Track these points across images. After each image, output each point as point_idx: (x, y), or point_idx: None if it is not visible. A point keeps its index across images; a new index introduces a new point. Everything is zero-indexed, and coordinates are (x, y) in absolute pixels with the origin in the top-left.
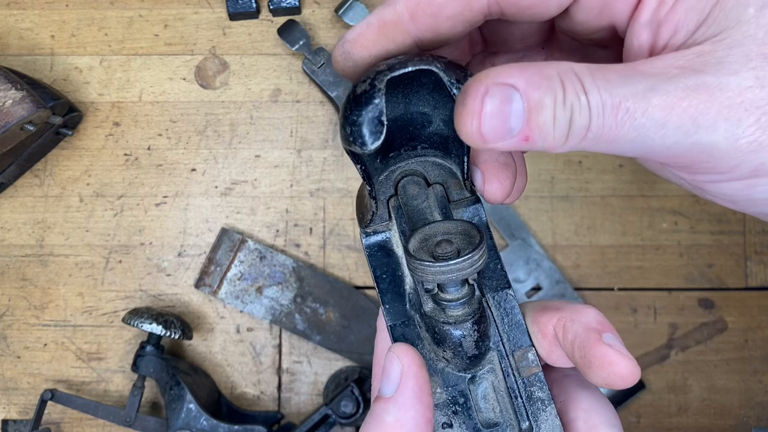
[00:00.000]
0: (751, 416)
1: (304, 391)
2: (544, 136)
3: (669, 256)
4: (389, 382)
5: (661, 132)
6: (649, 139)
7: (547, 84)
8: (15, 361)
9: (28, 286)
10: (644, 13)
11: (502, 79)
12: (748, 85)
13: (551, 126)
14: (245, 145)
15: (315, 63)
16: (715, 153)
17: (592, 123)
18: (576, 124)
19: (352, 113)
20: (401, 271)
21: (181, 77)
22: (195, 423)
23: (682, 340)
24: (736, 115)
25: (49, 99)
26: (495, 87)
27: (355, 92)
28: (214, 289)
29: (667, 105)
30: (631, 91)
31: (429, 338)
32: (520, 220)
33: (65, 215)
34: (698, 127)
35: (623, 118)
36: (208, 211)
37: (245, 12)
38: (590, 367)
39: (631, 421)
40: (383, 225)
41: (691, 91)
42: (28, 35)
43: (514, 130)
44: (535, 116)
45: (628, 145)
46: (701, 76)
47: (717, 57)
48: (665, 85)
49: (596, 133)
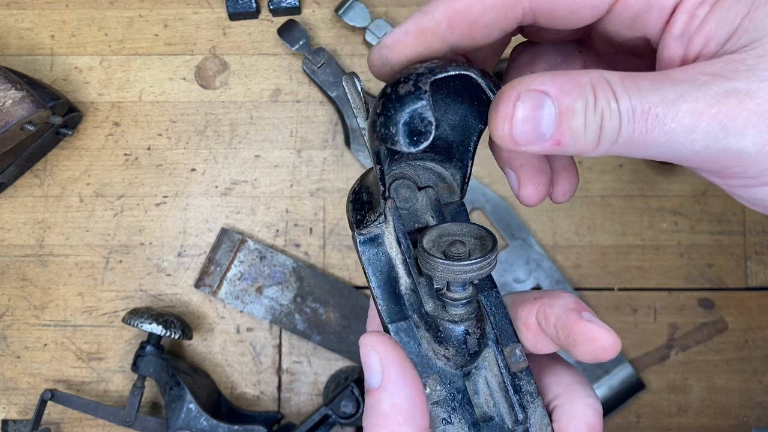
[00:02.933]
0: (751, 416)
1: (304, 391)
2: (575, 141)
3: (669, 256)
4: (372, 373)
5: (690, 137)
6: (678, 144)
7: (579, 90)
8: (15, 361)
9: (28, 286)
10: (676, 26)
11: (535, 86)
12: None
13: (582, 131)
14: (245, 145)
15: (315, 63)
16: (744, 158)
17: (622, 128)
18: (607, 129)
19: (397, 113)
20: (396, 272)
21: (181, 77)
22: (195, 423)
23: (682, 340)
24: (766, 122)
25: (49, 99)
26: (527, 93)
27: (397, 92)
28: (214, 289)
29: (696, 111)
30: (660, 98)
31: (429, 337)
32: (520, 220)
33: (65, 215)
34: (727, 132)
35: (653, 123)
36: (208, 211)
37: (245, 12)
38: (575, 344)
39: (631, 421)
40: (378, 227)
41: (720, 97)
42: (28, 35)
43: (546, 134)
44: (567, 121)
45: (659, 150)
46: (731, 83)
47: (747, 65)
48: (695, 91)
49: (627, 138)
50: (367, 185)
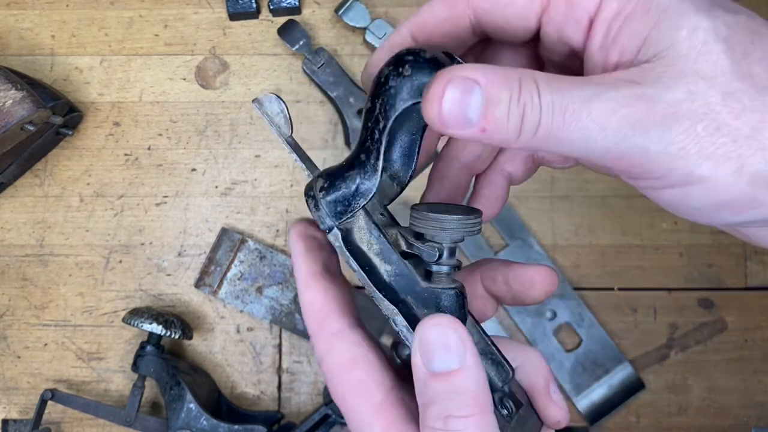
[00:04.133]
0: (751, 416)
1: (304, 391)
2: (499, 129)
3: (669, 256)
4: (451, 354)
5: (602, 134)
6: (591, 141)
7: (506, 83)
8: (15, 361)
9: (28, 286)
10: (596, 38)
11: (467, 74)
12: (681, 98)
13: (505, 120)
14: (245, 145)
15: (315, 63)
16: (649, 156)
17: (542, 121)
18: (527, 120)
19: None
20: (372, 263)
21: (182, 77)
22: (195, 423)
23: (682, 340)
24: (668, 124)
25: (50, 99)
26: (458, 79)
27: (426, 56)
28: (214, 289)
29: (608, 110)
30: (579, 96)
31: (427, 313)
32: (520, 220)
33: (65, 215)
34: (634, 131)
35: (570, 118)
36: (208, 211)
37: (245, 12)
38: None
39: (631, 420)
40: (347, 222)
41: (631, 100)
42: (29, 35)
43: (473, 120)
44: (492, 109)
45: (574, 145)
46: (641, 89)
47: (656, 73)
48: (609, 93)
49: (546, 131)
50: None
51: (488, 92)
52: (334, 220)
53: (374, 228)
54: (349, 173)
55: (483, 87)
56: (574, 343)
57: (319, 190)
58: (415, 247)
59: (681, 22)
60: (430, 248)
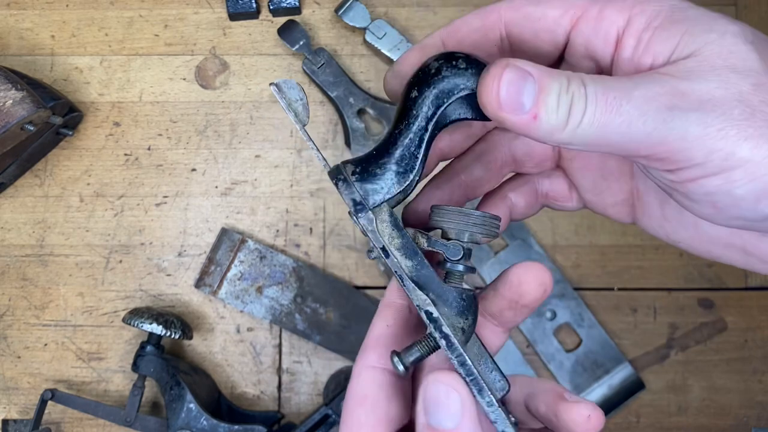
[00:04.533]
0: (751, 416)
1: (304, 391)
2: (549, 115)
3: (669, 256)
4: (449, 414)
5: (642, 119)
6: (633, 126)
7: (556, 76)
8: (15, 361)
9: (28, 286)
10: (626, 50)
11: (521, 65)
12: (715, 87)
13: (556, 107)
14: (245, 145)
15: (315, 63)
16: (689, 138)
17: (588, 108)
18: (575, 107)
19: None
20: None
21: (182, 77)
22: (195, 423)
23: (682, 340)
24: (706, 108)
25: (50, 99)
26: (514, 67)
27: (475, 57)
28: (214, 289)
29: (648, 97)
30: (619, 86)
31: (447, 312)
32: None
33: (65, 215)
34: (674, 115)
35: (612, 104)
36: (208, 211)
37: (245, 12)
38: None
39: (631, 420)
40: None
41: (668, 88)
42: (29, 35)
43: (526, 106)
44: (544, 96)
45: (617, 132)
46: (677, 81)
47: (689, 68)
48: (647, 83)
49: (591, 118)
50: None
51: (541, 81)
52: (367, 204)
53: (398, 222)
54: (384, 161)
55: (536, 77)
56: (574, 343)
57: (351, 173)
58: (438, 245)
59: (711, 26)
60: (454, 246)
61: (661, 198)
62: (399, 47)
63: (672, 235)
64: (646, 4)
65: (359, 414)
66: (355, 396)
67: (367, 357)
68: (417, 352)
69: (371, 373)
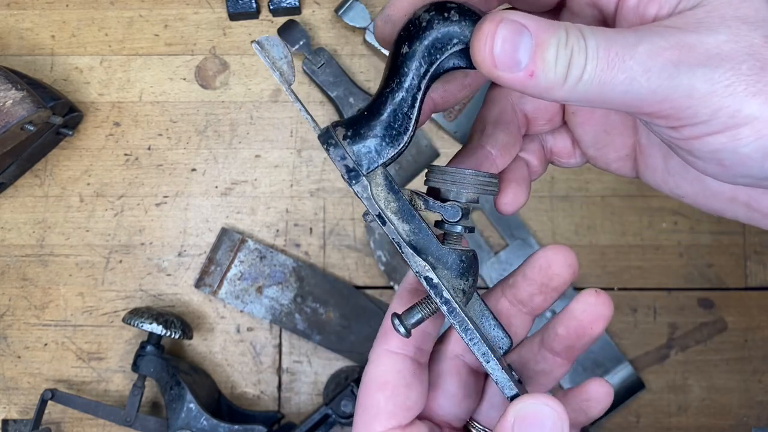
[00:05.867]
0: (751, 416)
1: (304, 391)
2: (546, 73)
3: (669, 256)
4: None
5: (646, 75)
6: (636, 83)
7: (554, 29)
8: (15, 361)
9: (28, 286)
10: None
11: (517, 18)
12: (724, 40)
13: (554, 62)
14: (245, 145)
15: (315, 63)
16: (695, 95)
17: (588, 64)
18: (574, 63)
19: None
20: (390, 222)
21: (181, 77)
22: (195, 423)
23: (682, 340)
24: (714, 63)
25: (50, 99)
26: (509, 21)
27: (467, 7)
28: (214, 289)
29: (652, 52)
30: (622, 41)
31: (448, 275)
32: (520, 220)
33: (65, 215)
34: (679, 71)
35: (614, 59)
36: (208, 211)
37: (245, 12)
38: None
39: (631, 420)
40: (369, 176)
41: (674, 42)
42: (29, 35)
43: (522, 62)
44: (541, 51)
45: (619, 89)
46: (684, 34)
47: (697, 19)
48: (652, 37)
49: (591, 75)
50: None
51: (538, 36)
52: (361, 170)
53: (394, 185)
54: (376, 122)
55: (532, 31)
56: None
57: (342, 138)
58: (436, 207)
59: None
60: (452, 207)
61: (665, 152)
62: None
63: (675, 189)
64: None
65: (378, 399)
66: (375, 380)
67: (387, 341)
68: (418, 313)
69: (392, 358)
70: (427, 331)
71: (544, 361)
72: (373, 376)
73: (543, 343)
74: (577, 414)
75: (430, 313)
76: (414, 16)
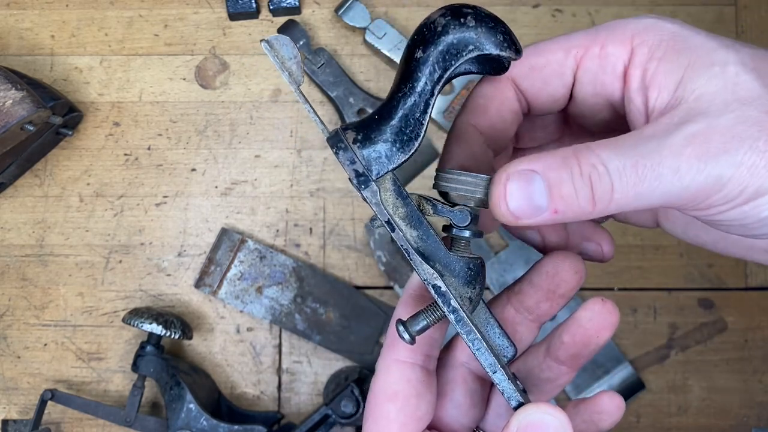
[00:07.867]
0: (751, 416)
1: (304, 391)
2: (570, 206)
3: (669, 256)
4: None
5: (677, 175)
6: (669, 184)
7: (562, 162)
8: (15, 361)
9: (28, 286)
10: (633, 81)
11: (522, 166)
12: (732, 124)
13: (574, 196)
14: (245, 145)
15: (315, 63)
16: (723, 181)
17: (615, 185)
18: (598, 189)
19: (500, 23)
20: (397, 227)
21: (181, 77)
22: (195, 423)
23: (682, 340)
24: (732, 147)
25: (49, 99)
26: (515, 173)
27: (484, 11)
28: (214, 289)
29: (675, 153)
30: (642, 151)
31: (455, 283)
32: None
33: (65, 215)
34: (706, 164)
35: (643, 172)
36: (208, 211)
37: (245, 12)
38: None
39: (631, 420)
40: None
41: (690, 138)
42: (28, 35)
43: (542, 206)
44: (557, 190)
45: (654, 194)
46: (694, 126)
47: (701, 109)
48: (668, 140)
49: (622, 192)
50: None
51: (547, 176)
52: (371, 175)
53: (402, 190)
54: (387, 126)
55: (541, 173)
56: None
57: (352, 141)
58: (445, 211)
59: (712, 58)
60: (461, 211)
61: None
62: (399, 47)
63: (695, 239)
64: (645, 35)
65: (389, 410)
66: (385, 391)
67: (395, 350)
68: (423, 320)
69: (401, 368)
70: (434, 337)
71: (549, 369)
72: (382, 387)
73: (548, 351)
74: (588, 425)
75: (436, 320)
76: (429, 19)
